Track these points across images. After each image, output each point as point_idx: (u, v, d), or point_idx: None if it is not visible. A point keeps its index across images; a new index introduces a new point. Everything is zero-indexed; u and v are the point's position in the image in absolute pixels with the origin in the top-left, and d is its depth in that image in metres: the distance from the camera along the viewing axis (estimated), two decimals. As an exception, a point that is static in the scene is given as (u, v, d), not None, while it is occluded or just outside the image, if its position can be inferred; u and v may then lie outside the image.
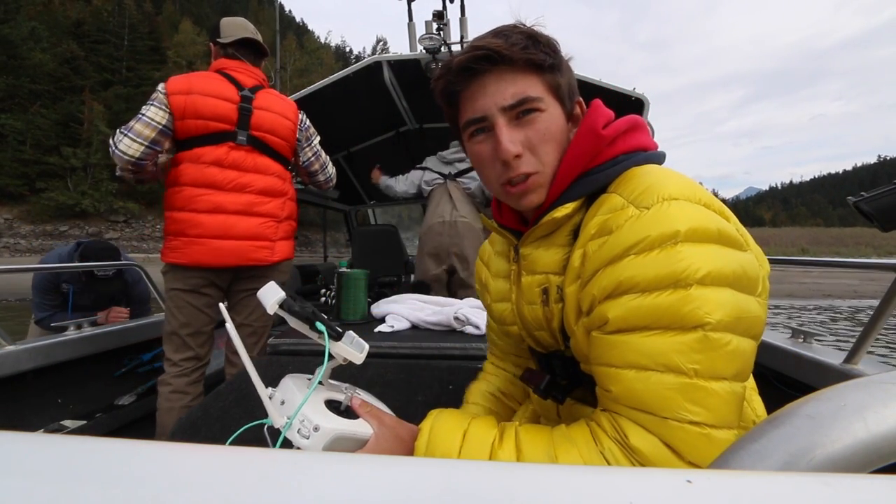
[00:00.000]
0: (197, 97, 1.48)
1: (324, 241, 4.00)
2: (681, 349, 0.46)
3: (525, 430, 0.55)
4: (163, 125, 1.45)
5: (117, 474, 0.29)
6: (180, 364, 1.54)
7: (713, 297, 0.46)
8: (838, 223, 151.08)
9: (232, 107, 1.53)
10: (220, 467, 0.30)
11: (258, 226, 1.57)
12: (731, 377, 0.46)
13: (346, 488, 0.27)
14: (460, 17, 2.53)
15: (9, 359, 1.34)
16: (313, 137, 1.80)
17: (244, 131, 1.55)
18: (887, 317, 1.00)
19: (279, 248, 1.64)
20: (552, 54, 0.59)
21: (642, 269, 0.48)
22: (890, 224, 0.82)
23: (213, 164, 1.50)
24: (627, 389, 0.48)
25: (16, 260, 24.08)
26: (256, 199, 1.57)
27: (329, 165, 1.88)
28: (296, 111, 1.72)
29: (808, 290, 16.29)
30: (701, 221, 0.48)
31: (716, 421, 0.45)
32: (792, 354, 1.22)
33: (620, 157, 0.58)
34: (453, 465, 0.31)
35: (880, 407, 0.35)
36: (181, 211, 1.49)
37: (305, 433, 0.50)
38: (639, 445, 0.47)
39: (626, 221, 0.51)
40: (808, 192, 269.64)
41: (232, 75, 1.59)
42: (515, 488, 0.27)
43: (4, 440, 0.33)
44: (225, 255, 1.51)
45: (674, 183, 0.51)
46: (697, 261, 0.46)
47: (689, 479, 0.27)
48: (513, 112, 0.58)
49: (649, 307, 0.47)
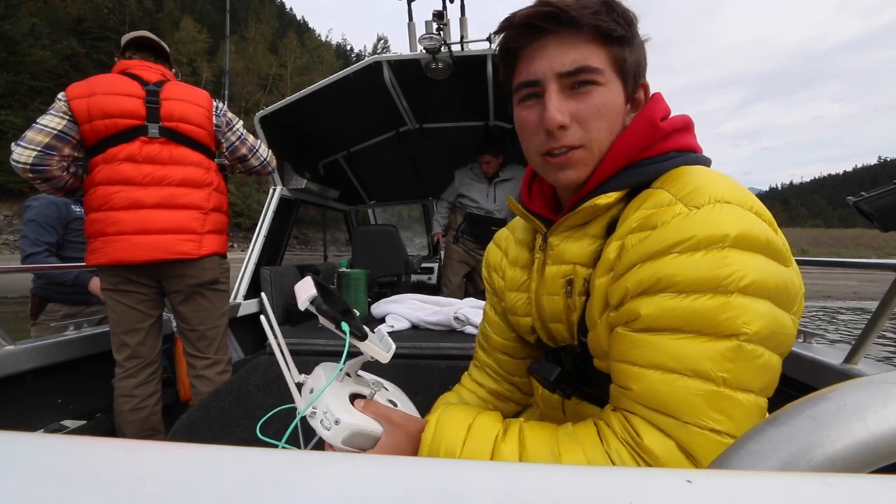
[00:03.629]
0: (100, 97, 1.46)
1: (324, 241, 4.00)
2: (712, 356, 0.45)
3: (530, 426, 0.54)
4: (58, 130, 1.42)
5: (117, 474, 0.29)
6: (123, 364, 1.53)
7: (753, 308, 0.45)
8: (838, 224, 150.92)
9: (138, 101, 1.51)
10: (220, 467, 0.30)
11: (182, 218, 1.52)
12: (757, 391, 0.46)
13: (347, 488, 0.27)
14: (460, 17, 2.53)
15: (9, 359, 1.34)
16: (234, 122, 1.74)
17: (155, 124, 1.52)
18: (887, 317, 1.00)
19: (207, 242, 1.59)
20: (625, 26, 0.54)
21: (684, 269, 0.46)
22: (890, 224, 0.82)
23: (126, 161, 1.47)
24: (649, 390, 0.47)
25: (16, 256, 23.99)
26: (177, 191, 1.52)
27: (260, 149, 1.81)
28: (209, 99, 1.68)
29: (807, 290, 16.26)
30: (751, 229, 0.46)
31: (737, 432, 0.44)
32: (792, 354, 1.22)
33: (672, 153, 0.56)
34: (453, 466, 0.31)
35: (880, 407, 0.35)
36: (98, 211, 1.47)
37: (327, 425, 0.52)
38: (653, 447, 0.46)
39: (672, 218, 0.49)
40: (809, 193, 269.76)
41: (133, 72, 1.57)
42: (516, 488, 0.27)
43: (4, 440, 0.33)
44: (147, 250, 1.47)
45: (726, 186, 0.50)
46: (743, 268, 0.45)
47: (689, 479, 0.27)
48: (569, 80, 0.54)
49: (686, 309, 0.46)
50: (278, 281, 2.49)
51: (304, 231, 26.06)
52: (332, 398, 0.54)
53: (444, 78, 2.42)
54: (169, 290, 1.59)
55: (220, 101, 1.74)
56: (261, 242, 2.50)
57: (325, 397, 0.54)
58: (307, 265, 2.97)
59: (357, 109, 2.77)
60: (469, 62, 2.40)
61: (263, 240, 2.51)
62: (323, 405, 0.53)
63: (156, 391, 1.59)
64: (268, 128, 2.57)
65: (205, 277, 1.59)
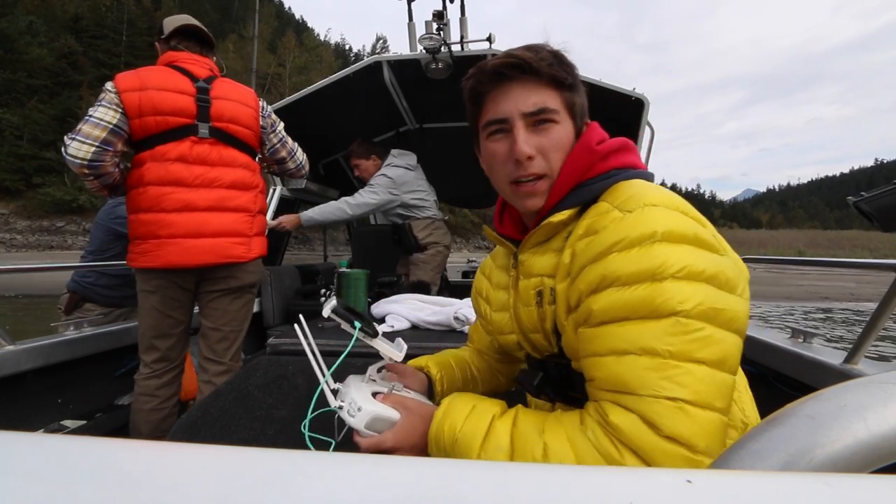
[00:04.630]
0: (152, 93, 1.42)
1: (324, 241, 4.00)
2: (656, 333, 0.50)
3: (525, 411, 0.61)
4: (113, 125, 1.38)
5: (117, 474, 0.29)
6: (151, 366, 1.51)
7: (686, 289, 0.50)
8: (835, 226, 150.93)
9: (189, 99, 1.47)
10: (220, 467, 0.30)
11: (233, 221, 1.52)
12: (710, 363, 0.49)
13: (347, 488, 0.27)
14: (460, 17, 2.53)
15: (9, 359, 1.34)
16: (277, 124, 1.73)
17: (205, 123, 1.49)
18: (887, 317, 1.00)
19: (255, 245, 1.58)
20: (571, 75, 0.66)
21: (623, 265, 0.53)
22: (889, 224, 0.82)
23: (177, 161, 1.44)
24: (609, 373, 0.53)
25: (12, 255, 23.92)
26: (228, 194, 1.51)
27: (298, 152, 1.81)
28: (255, 98, 1.66)
29: (805, 292, 16.25)
30: (677, 225, 0.54)
31: (692, 398, 0.48)
32: (792, 354, 1.22)
33: (612, 171, 0.64)
34: (453, 466, 0.31)
35: (880, 407, 0.35)
36: (148, 212, 1.43)
37: (352, 413, 0.62)
38: (617, 422, 0.50)
39: (610, 223, 0.57)
40: (806, 195, 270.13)
41: (183, 67, 1.52)
42: (515, 488, 0.27)
43: (4, 440, 0.33)
44: (200, 254, 1.45)
45: (655, 193, 0.57)
46: (672, 258, 0.51)
47: (689, 479, 0.27)
48: (531, 119, 0.64)
49: (628, 299, 0.52)
50: (278, 281, 2.49)
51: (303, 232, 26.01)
52: (356, 392, 0.65)
53: (444, 78, 2.42)
54: (207, 289, 1.56)
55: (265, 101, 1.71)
56: None
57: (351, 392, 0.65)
58: (307, 265, 2.97)
59: (357, 109, 2.77)
60: (469, 62, 2.39)
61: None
62: (349, 399, 0.64)
63: (176, 392, 1.57)
64: None
65: (249, 280, 1.59)
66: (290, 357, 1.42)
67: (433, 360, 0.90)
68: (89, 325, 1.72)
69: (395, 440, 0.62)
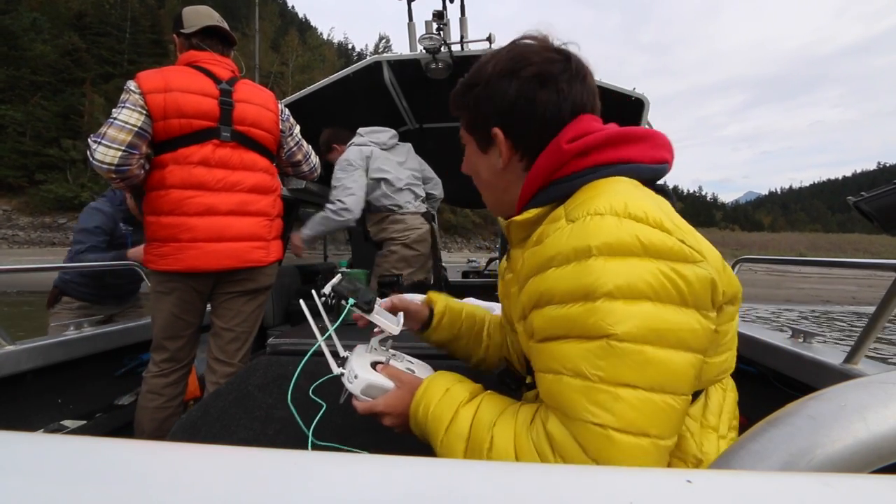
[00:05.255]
0: (177, 94, 1.40)
1: (324, 241, 3.99)
2: (585, 356, 0.49)
3: (490, 398, 0.63)
4: (138, 127, 1.35)
5: (117, 474, 0.29)
6: (160, 364, 1.51)
7: (620, 310, 0.48)
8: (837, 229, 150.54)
9: (213, 102, 1.46)
10: (220, 467, 0.30)
11: (253, 225, 1.52)
12: (645, 386, 0.47)
13: (347, 488, 0.27)
14: (460, 17, 2.53)
15: (9, 359, 1.34)
16: (294, 127, 1.73)
17: (227, 127, 1.48)
18: (887, 317, 1.00)
19: (273, 248, 1.59)
20: (464, 97, 0.71)
21: (558, 282, 0.52)
22: (889, 224, 0.82)
23: (200, 164, 1.44)
24: (546, 390, 0.54)
25: (14, 251, 23.96)
26: (248, 198, 1.51)
27: (312, 155, 1.81)
28: (276, 101, 1.65)
29: (806, 295, 16.21)
30: (617, 236, 0.50)
31: (620, 425, 0.46)
32: (792, 354, 1.21)
33: (589, 168, 0.60)
34: (453, 466, 0.31)
35: (880, 407, 0.35)
36: (170, 215, 1.42)
37: (350, 380, 0.69)
38: (553, 432, 0.51)
39: (554, 233, 0.55)
40: (808, 198, 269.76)
41: (206, 68, 1.51)
42: (516, 488, 0.27)
43: (4, 440, 0.33)
44: (222, 259, 1.46)
45: (608, 198, 0.53)
46: (605, 275, 0.48)
47: (689, 479, 0.27)
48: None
49: (563, 318, 0.51)
50: (278, 281, 2.49)
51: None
52: (356, 361, 0.71)
53: (444, 78, 2.42)
54: (222, 291, 1.56)
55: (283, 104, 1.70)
56: None
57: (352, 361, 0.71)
58: (307, 265, 2.97)
59: (357, 109, 2.77)
60: (469, 62, 2.38)
61: None
62: (349, 366, 0.70)
63: (181, 392, 1.57)
64: None
65: (265, 283, 1.59)
66: (290, 357, 1.42)
67: (446, 299, 0.94)
68: (89, 326, 1.72)
69: (385, 406, 0.67)
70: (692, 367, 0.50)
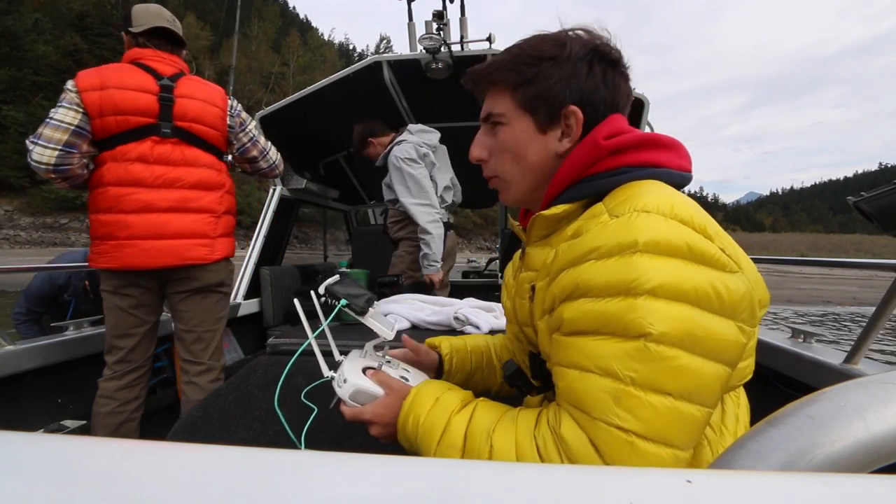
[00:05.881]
0: (113, 91, 1.39)
1: (324, 241, 4.00)
2: (620, 356, 0.47)
3: (483, 405, 0.61)
4: (75, 126, 1.35)
5: (117, 474, 0.29)
6: (112, 367, 1.49)
7: (661, 310, 0.46)
8: (838, 230, 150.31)
9: (151, 98, 1.44)
10: (220, 467, 0.30)
11: (195, 222, 1.49)
12: (676, 394, 0.46)
13: (347, 488, 0.27)
14: (460, 17, 2.53)
15: (9, 359, 1.34)
16: (248, 123, 1.68)
17: (167, 123, 1.46)
18: (887, 317, 1.00)
19: (220, 246, 1.56)
20: (526, 70, 0.63)
21: (597, 275, 0.50)
22: (889, 224, 0.82)
23: (137, 161, 1.42)
24: (568, 387, 0.51)
25: (16, 251, 23.99)
26: (190, 195, 1.48)
27: (271, 152, 1.77)
28: (224, 98, 1.62)
29: (806, 295, 16.18)
30: (665, 235, 0.48)
31: (645, 432, 0.45)
32: (792, 354, 1.21)
33: (624, 168, 0.59)
34: (453, 466, 0.31)
35: (880, 407, 0.35)
36: (107, 212, 1.41)
37: (340, 384, 0.68)
38: (567, 437, 0.49)
39: (595, 227, 0.53)
40: (809, 198, 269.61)
41: (147, 64, 1.48)
42: (516, 488, 0.27)
43: (4, 440, 0.33)
44: (160, 256, 1.43)
45: (654, 198, 0.52)
46: (650, 272, 0.47)
47: (689, 479, 0.27)
48: (486, 123, 0.69)
49: (599, 312, 0.49)
50: (278, 281, 2.49)
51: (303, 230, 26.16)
52: (348, 366, 0.70)
53: (444, 78, 2.42)
54: (171, 291, 1.55)
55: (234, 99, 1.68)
56: (261, 242, 2.50)
57: (344, 365, 0.70)
58: (307, 265, 2.97)
59: (357, 109, 2.77)
60: (469, 62, 2.39)
61: (263, 240, 2.51)
62: (340, 371, 0.69)
63: (137, 397, 1.52)
64: (268, 127, 2.57)
65: (212, 280, 1.56)
66: (289, 357, 1.42)
67: (448, 339, 0.91)
68: (89, 325, 1.72)
69: (373, 414, 0.65)
70: (721, 379, 0.48)
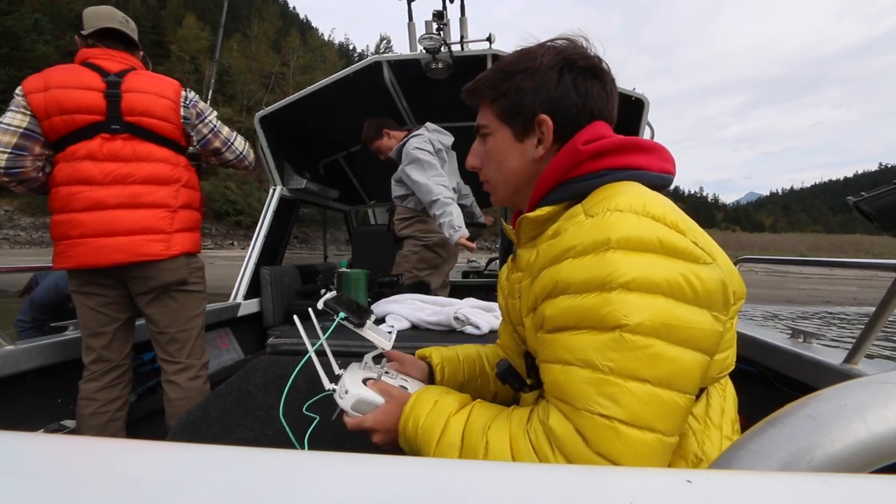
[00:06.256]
0: (56, 91, 1.38)
1: (324, 241, 4.00)
2: (597, 347, 0.49)
3: (480, 405, 0.64)
4: (23, 128, 1.36)
5: (117, 474, 0.29)
6: (89, 367, 1.48)
7: (635, 302, 0.48)
8: (838, 230, 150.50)
9: (97, 95, 1.42)
10: (220, 467, 0.30)
11: (148, 217, 1.45)
12: (654, 381, 0.48)
13: (347, 488, 0.27)
14: (460, 17, 2.53)
15: (9, 359, 1.34)
16: (206, 114, 1.62)
17: (117, 119, 1.43)
18: (887, 317, 1.00)
19: (177, 241, 1.51)
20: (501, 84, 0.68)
21: (575, 272, 0.53)
22: (889, 224, 0.82)
23: (86, 159, 1.40)
24: (553, 381, 0.54)
25: (15, 251, 24.04)
26: (141, 189, 1.44)
27: (236, 142, 1.71)
28: (176, 89, 1.57)
29: (806, 295, 16.17)
30: (637, 231, 0.51)
31: (627, 418, 0.47)
32: (792, 354, 1.21)
33: (603, 171, 0.62)
34: (453, 466, 0.31)
35: (880, 407, 0.35)
36: (60, 212, 1.41)
37: (342, 395, 0.69)
38: (555, 427, 0.51)
39: (572, 227, 0.56)
40: (809, 199, 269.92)
41: (94, 63, 1.47)
42: (516, 488, 0.27)
43: (4, 440, 0.33)
44: (111, 253, 1.40)
45: (627, 197, 0.55)
46: (623, 267, 0.49)
47: (689, 479, 0.27)
48: (479, 133, 0.74)
49: (577, 307, 0.52)
50: (278, 281, 2.49)
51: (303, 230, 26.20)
52: (348, 377, 0.72)
53: (444, 78, 2.42)
54: (135, 293, 1.52)
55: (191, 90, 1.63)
56: (261, 242, 2.50)
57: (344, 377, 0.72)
58: (307, 265, 2.97)
59: (357, 109, 2.77)
60: (469, 62, 2.40)
61: (263, 240, 2.51)
62: (341, 382, 0.71)
63: (119, 397, 1.51)
64: (268, 128, 2.57)
65: (170, 279, 1.51)
66: (290, 357, 1.42)
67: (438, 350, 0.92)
68: None
69: (374, 422, 0.67)
70: (699, 366, 0.51)
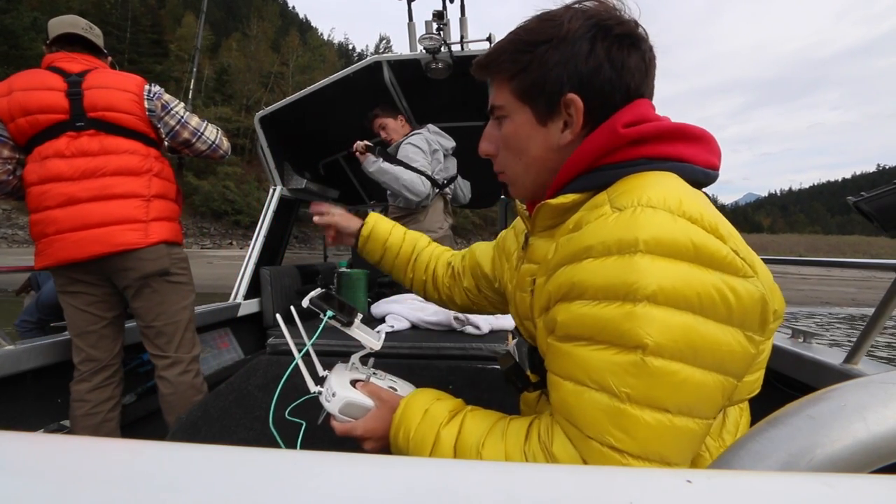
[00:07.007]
0: (19, 94, 1.41)
1: (323, 241, 3.99)
2: (615, 370, 0.44)
3: (472, 415, 0.59)
4: None
5: (117, 474, 0.29)
6: (79, 368, 1.48)
7: (660, 318, 0.42)
8: (836, 231, 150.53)
9: (58, 94, 1.44)
10: (220, 467, 0.30)
11: (121, 207, 1.46)
12: (674, 410, 0.43)
13: (346, 488, 0.27)
14: (460, 17, 2.53)
15: (9, 359, 1.34)
16: (172, 105, 1.62)
17: (80, 116, 1.45)
18: (887, 317, 1.00)
19: (154, 230, 1.51)
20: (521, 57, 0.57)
21: (595, 275, 0.46)
22: (889, 224, 0.82)
23: (55, 157, 1.42)
24: (563, 400, 0.48)
25: (13, 251, 24.06)
26: (112, 181, 1.46)
27: (206, 131, 1.70)
28: (139, 84, 1.58)
29: (805, 296, 16.17)
30: (671, 234, 0.44)
31: (640, 452, 0.43)
32: (792, 354, 1.21)
33: (641, 160, 0.53)
34: (453, 466, 0.31)
35: (880, 407, 0.35)
36: (36, 212, 1.43)
37: (328, 398, 0.65)
38: (558, 454, 0.47)
39: (595, 220, 0.49)
40: (807, 200, 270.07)
41: (57, 65, 1.49)
42: (516, 488, 0.27)
43: (4, 440, 0.33)
44: (87, 245, 1.41)
45: (661, 190, 0.47)
46: (651, 275, 0.43)
47: (689, 479, 0.27)
48: (493, 115, 0.64)
49: (594, 317, 0.45)
50: (278, 281, 2.49)
51: (303, 230, 26.23)
52: (335, 379, 0.68)
53: (444, 78, 2.42)
54: (120, 287, 1.52)
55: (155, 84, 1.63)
56: (261, 242, 2.50)
57: (331, 379, 0.68)
58: (307, 265, 2.97)
59: (357, 109, 2.77)
60: (469, 62, 2.38)
61: (263, 240, 2.51)
62: (327, 384, 0.67)
63: (111, 397, 1.51)
64: (268, 127, 2.57)
65: (151, 269, 1.50)
66: (290, 357, 1.41)
67: (378, 223, 0.94)
68: None
69: (365, 429, 0.63)
70: (723, 391, 0.45)
